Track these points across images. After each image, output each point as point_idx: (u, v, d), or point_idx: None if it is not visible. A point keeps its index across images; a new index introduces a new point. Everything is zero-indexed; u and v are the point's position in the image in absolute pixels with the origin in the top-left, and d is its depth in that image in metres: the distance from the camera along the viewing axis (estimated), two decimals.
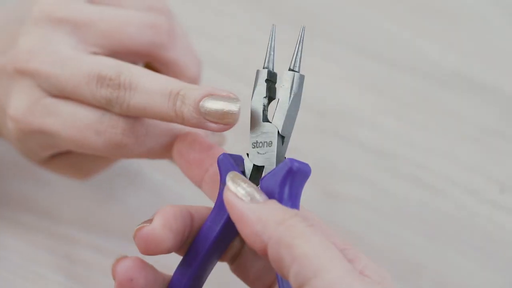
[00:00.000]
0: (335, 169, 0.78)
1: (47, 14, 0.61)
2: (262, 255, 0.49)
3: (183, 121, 0.56)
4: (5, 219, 0.70)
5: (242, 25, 0.89)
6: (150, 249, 0.53)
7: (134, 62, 0.64)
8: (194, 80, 0.65)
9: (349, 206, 0.76)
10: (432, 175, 0.79)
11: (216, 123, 0.55)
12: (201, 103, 0.55)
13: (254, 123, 0.54)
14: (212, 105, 0.55)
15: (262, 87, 0.55)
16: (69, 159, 0.65)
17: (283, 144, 0.53)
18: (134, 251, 0.55)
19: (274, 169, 0.52)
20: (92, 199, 0.73)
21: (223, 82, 0.83)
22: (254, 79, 0.56)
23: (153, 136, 0.60)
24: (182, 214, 0.54)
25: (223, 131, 0.55)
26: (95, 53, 0.61)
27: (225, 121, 0.55)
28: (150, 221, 0.53)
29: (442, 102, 0.85)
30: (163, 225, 0.53)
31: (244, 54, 0.86)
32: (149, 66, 0.65)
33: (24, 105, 0.60)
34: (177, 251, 0.55)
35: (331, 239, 0.52)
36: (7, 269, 0.67)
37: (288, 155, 0.54)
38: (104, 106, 0.59)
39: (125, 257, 0.54)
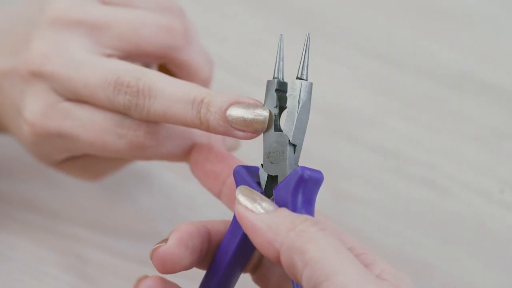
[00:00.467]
0: (344, 170, 0.79)
1: (62, 16, 0.60)
2: (276, 263, 0.49)
3: (208, 128, 0.55)
4: (16, 219, 0.71)
5: (248, 26, 0.90)
6: (167, 268, 0.53)
7: (148, 63, 0.64)
8: (206, 81, 0.65)
9: (358, 206, 0.76)
10: (441, 176, 0.79)
11: (243, 131, 0.54)
12: (228, 111, 0.54)
13: (266, 133, 0.54)
14: (239, 113, 0.54)
15: (272, 97, 0.54)
16: (81, 161, 0.64)
17: (295, 153, 0.53)
18: (144, 252, 0.55)
19: (286, 178, 0.52)
20: (104, 199, 0.73)
21: (230, 82, 0.83)
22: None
23: (175, 138, 0.60)
24: (199, 231, 0.54)
25: (251, 139, 0.55)
26: (110, 55, 0.60)
27: (253, 128, 0.54)
28: (165, 240, 0.53)
29: (451, 103, 0.85)
30: (178, 243, 0.53)
31: (251, 55, 0.86)
32: (162, 67, 0.64)
33: (40, 109, 0.60)
34: (199, 266, 0.55)
35: (348, 244, 0.53)
36: (19, 270, 0.68)
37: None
38: (122, 112, 0.58)
39: (146, 276, 0.54)
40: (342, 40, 0.89)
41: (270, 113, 0.54)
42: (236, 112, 0.54)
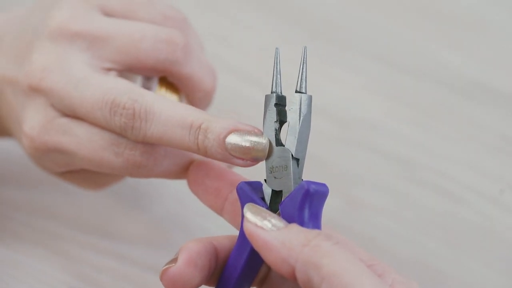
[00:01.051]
0: (358, 178, 0.79)
1: (63, 28, 0.60)
2: (290, 280, 0.49)
3: (206, 155, 0.55)
4: (31, 227, 0.71)
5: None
6: None
7: (149, 76, 0.63)
8: (209, 93, 0.64)
9: (372, 215, 0.76)
10: (455, 184, 0.78)
11: (242, 159, 0.54)
12: (226, 139, 0.54)
13: (268, 149, 0.54)
14: (238, 141, 0.53)
15: (272, 112, 0.54)
16: (83, 173, 0.64)
17: (299, 166, 0.53)
18: (158, 259, 0.55)
19: (292, 192, 0.52)
20: (117, 207, 0.74)
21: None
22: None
23: (172, 156, 0.59)
24: (206, 248, 0.54)
25: (251, 166, 0.54)
26: (109, 69, 0.59)
27: (252, 156, 0.53)
28: (174, 260, 0.53)
29: (464, 112, 0.84)
30: (187, 263, 0.53)
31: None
32: (163, 79, 0.64)
33: (39, 124, 0.60)
34: (207, 283, 0.55)
35: (357, 255, 0.53)
36: (33, 277, 0.68)
37: (311, 164, 0.54)
38: (119, 133, 0.58)
39: None
40: (361, 50, 0.89)
41: (270, 143, 0.54)
42: (234, 140, 0.54)
